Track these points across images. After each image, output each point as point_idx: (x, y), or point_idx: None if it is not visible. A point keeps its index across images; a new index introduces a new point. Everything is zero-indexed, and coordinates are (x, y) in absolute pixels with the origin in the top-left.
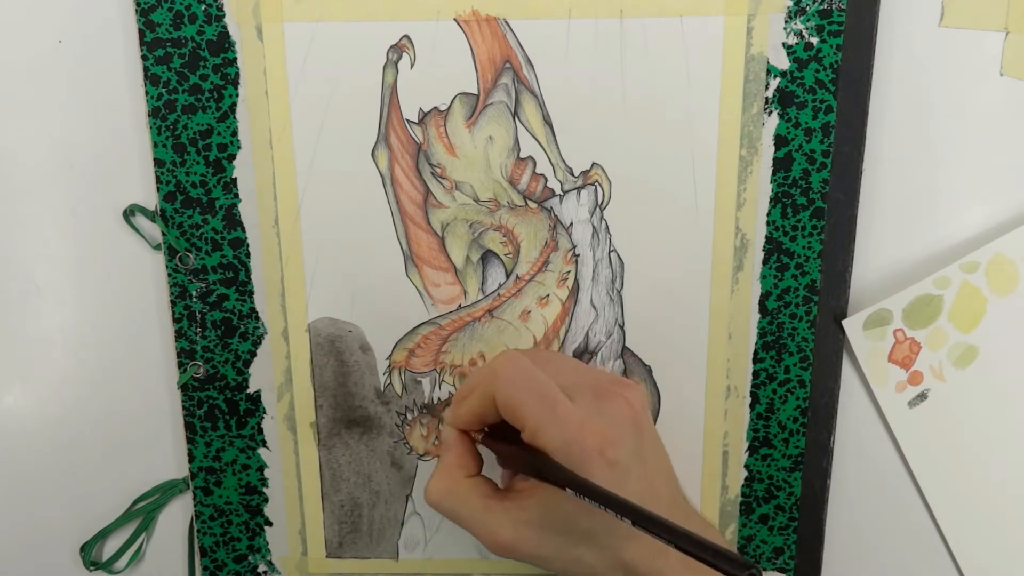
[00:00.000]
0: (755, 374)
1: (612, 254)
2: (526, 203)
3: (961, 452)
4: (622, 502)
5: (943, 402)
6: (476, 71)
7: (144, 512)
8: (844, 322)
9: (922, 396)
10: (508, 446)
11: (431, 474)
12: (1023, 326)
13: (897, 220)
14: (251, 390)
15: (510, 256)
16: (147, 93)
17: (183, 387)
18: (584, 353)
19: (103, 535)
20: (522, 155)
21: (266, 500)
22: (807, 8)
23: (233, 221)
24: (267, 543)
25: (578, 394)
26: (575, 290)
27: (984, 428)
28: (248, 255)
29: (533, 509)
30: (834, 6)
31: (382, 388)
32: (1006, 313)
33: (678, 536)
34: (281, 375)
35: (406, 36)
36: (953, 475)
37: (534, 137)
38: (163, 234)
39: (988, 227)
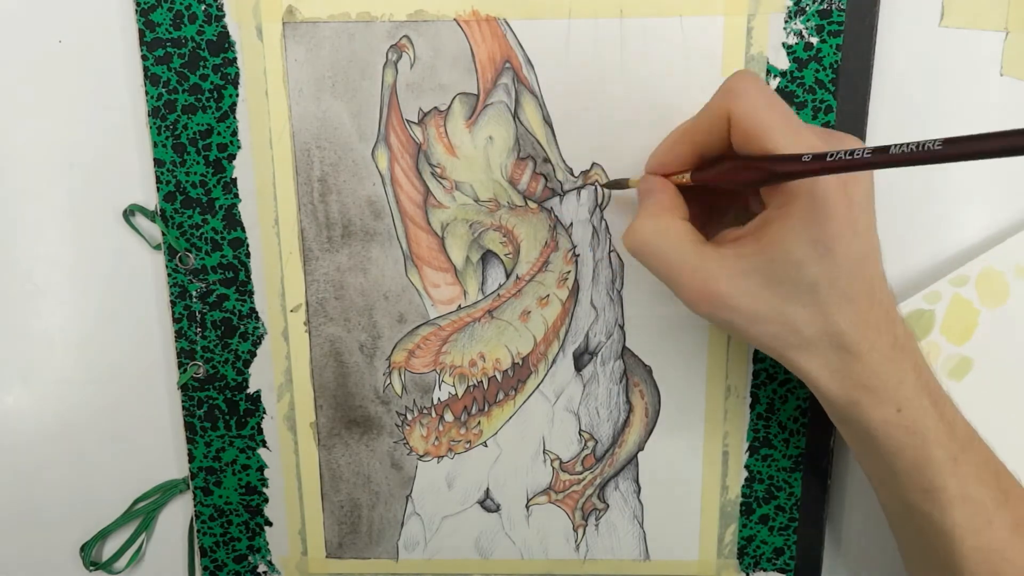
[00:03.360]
0: (755, 374)
1: (612, 254)
2: (526, 203)
3: None
4: (898, 149)
5: None
6: (476, 71)
7: (144, 512)
8: None
9: None
10: (728, 161)
11: (636, 217)
12: (1016, 336)
13: (897, 220)
14: (251, 390)
15: (510, 256)
16: (147, 93)
17: (183, 387)
18: (584, 353)
19: (103, 535)
20: (522, 155)
21: (266, 500)
22: (807, 8)
23: (233, 221)
24: (267, 543)
25: (808, 127)
26: (575, 290)
27: (984, 435)
28: (248, 255)
29: (755, 256)
30: (834, 6)
31: (382, 388)
32: (999, 324)
33: (983, 139)
34: (281, 375)
35: (406, 36)
36: None
37: (534, 137)
38: (163, 234)
39: (988, 227)
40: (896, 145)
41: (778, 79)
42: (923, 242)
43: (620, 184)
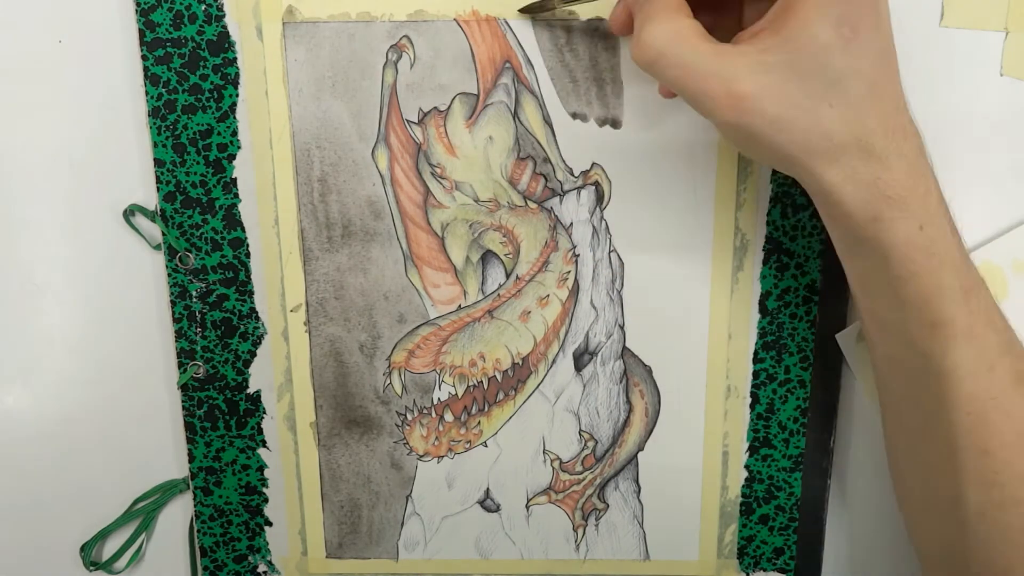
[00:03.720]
0: (755, 374)
1: (612, 254)
2: (526, 203)
3: None
4: None
5: None
6: (476, 71)
7: (144, 512)
8: (838, 336)
9: None
10: None
11: (636, 28)
12: (1016, 331)
13: None
14: (251, 390)
15: (510, 256)
16: (147, 93)
17: (183, 387)
18: (584, 354)
19: (103, 535)
20: (522, 155)
21: (266, 500)
22: None
23: (233, 221)
24: (267, 543)
25: None
26: (575, 290)
27: None
28: (248, 255)
29: (778, 48)
30: None
31: (382, 388)
32: None
33: None
34: (281, 375)
35: (406, 36)
36: None
37: (534, 137)
38: (163, 234)
39: (988, 226)
40: None
41: None
42: None
43: (542, 5)
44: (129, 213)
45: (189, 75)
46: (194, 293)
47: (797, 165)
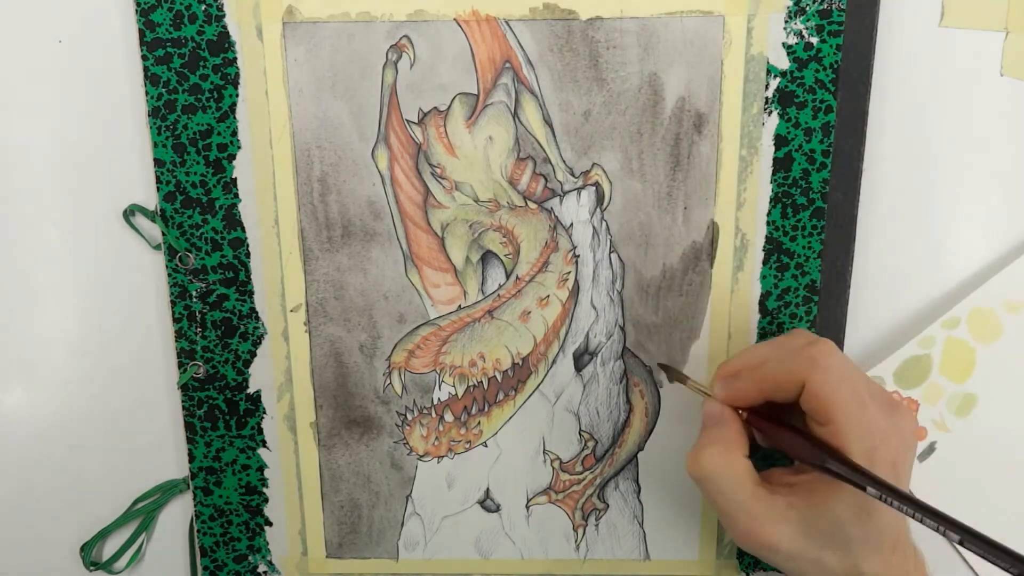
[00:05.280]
0: None
1: (612, 255)
2: (526, 203)
3: (979, 491)
4: (935, 510)
5: (952, 450)
6: (476, 71)
7: (144, 512)
8: None
9: (930, 449)
10: (791, 433)
11: (698, 445)
12: (1016, 368)
13: (897, 220)
14: (251, 390)
15: (510, 257)
16: (147, 93)
17: (183, 387)
18: (584, 354)
19: (103, 535)
20: (522, 155)
21: (266, 500)
22: (807, 8)
23: (233, 221)
24: (267, 543)
25: (874, 401)
26: (575, 291)
27: (999, 465)
28: (248, 255)
29: (805, 510)
30: (834, 6)
31: (382, 388)
32: (997, 358)
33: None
34: (281, 375)
35: (406, 36)
36: (974, 518)
37: (534, 137)
38: (163, 234)
39: (988, 228)
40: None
41: (778, 79)
42: (911, 286)
43: (678, 377)
44: (129, 213)
45: (189, 75)
46: (194, 293)
47: None
